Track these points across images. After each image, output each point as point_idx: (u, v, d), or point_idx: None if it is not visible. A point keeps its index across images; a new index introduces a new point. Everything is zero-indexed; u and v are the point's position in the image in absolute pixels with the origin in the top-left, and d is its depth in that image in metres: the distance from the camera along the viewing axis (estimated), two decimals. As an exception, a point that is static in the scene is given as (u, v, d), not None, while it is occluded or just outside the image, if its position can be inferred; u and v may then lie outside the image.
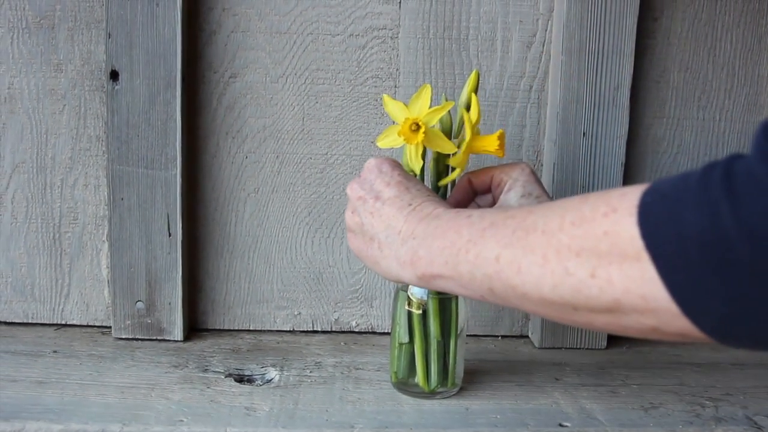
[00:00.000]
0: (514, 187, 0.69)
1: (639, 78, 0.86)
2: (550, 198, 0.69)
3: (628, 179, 0.87)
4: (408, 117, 0.68)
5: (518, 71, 0.86)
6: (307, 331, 0.90)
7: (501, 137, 0.69)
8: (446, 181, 0.72)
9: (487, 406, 0.73)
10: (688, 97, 0.88)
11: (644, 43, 0.86)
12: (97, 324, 0.88)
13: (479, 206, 0.72)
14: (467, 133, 0.69)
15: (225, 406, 0.71)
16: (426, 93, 0.68)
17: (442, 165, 0.73)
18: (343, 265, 0.88)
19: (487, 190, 0.73)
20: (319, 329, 0.90)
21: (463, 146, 0.69)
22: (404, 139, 0.68)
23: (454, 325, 0.74)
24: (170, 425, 0.67)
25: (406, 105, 0.69)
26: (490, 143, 0.69)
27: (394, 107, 0.70)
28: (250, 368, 0.80)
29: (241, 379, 0.77)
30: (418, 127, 0.68)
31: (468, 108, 0.71)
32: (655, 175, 0.89)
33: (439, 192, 0.73)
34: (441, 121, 0.72)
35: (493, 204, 0.72)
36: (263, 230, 0.87)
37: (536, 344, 0.89)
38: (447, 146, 0.70)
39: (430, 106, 0.68)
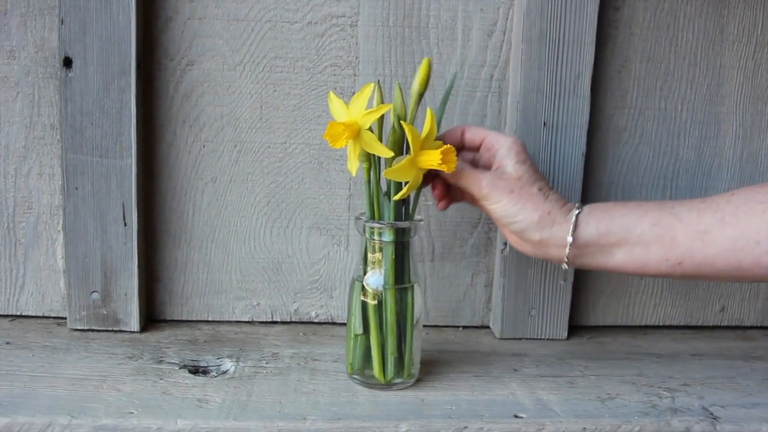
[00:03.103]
0: (509, 154, 0.70)
1: (601, 68, 0.86)
2: (537, 166, 0.72)
3: (589, 169, 0.87)
4: (333, 121, 0.68)
5: (479, 60, 0.85)
6: (266, 322, 0.89)
7: (445, 152, 0.67)
8: (400, 196, 0.70)
9: (443, 397, 0.73)
10: (650, 87, 0.87)
11: (606, 32, 0.85)
12: (52, 315, 0.87)
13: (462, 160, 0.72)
14: (411, 147, 0.68)
15: (177, 398, 0.70)
16: (365, 93, 0.68)
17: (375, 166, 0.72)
18: (303, 256, 0.87)
19: (476, 149, 0.74)
20: (279, 320, 0.89)
21: (405, 161, 0.68)
22: (330, 142, 0.67)
23: (410, 315, 0.73)
24: (119, 417, 0.66)
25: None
26: (432, 158, 0.67)
27: (336, 106, 0.70)
28: (206, 359, 0.79)
29: (195, 371, 0.76)
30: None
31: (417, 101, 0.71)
32: (617, 166, 0.89)
33: (392, 205, 0.72)
34: (395, 110, 0.71)
35: (474, 163, 0.74)
36: (221, 220, 0.86)
37: (497, 335, 0.88)
38: (381, 150, 0.69)
39: (383, 101, 0.68)
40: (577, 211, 0.70)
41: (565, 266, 0.71)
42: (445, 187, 0.74)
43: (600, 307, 0.92)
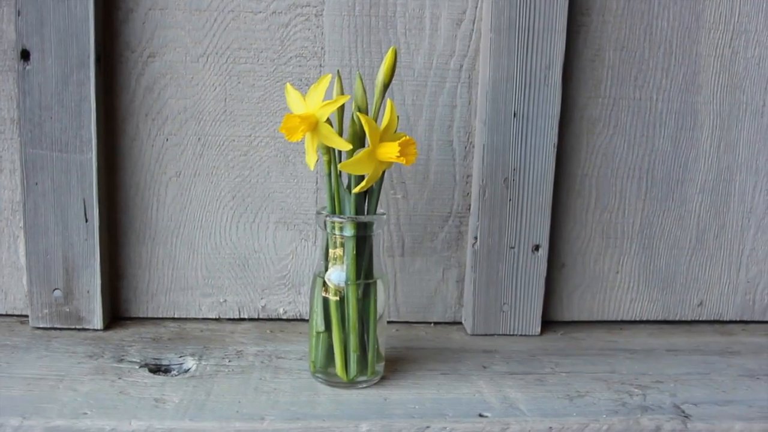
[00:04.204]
0: None
1: (573, 57, 0.84)
2: None
3: (561, 161, 0.85)
4: (289, 114, 0.66)
5: (448, 50, 0.83)
6: (233, 319, 0.87)
7: (404, 144, 0.65)
8: (359, 189, 0.68)
9: (407, 396, 0.71)
10: (624, 76, 0.85)
11: (578, 20, 0.83)
12: (15, 313, 0.86)
13: None
14: (369, 139, 0.66)
15: (133, 398, 0.68)
16: (323, 84, 0.66)
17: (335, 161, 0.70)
18: (270, 251, 0.86)
19: None
20: (246, 317, 0.87)
21: (362, 154, 0.66)
22: (286, 135, 0.65)
23: (372, 311, 0.71)
24: (73, 418, 0.64)
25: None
26: (390, 151, 0.65)
27: (292, 98, 0.68)
28: (168, 358, 0.77)
29: (156, 370, 0.74)
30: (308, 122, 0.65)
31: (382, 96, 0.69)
32: (591, 157, 0.86)
33: (352, 199, 0.70)
34: (356, 101, 0.69)
35: None
36: (186, 215, 0.84)
37: (468, 331, 0.86)
38: (339, 143, 0.67)
39: (344, 92, 0.66)
40: None
41: None
42: None
43: (575, 302, 0.90)
